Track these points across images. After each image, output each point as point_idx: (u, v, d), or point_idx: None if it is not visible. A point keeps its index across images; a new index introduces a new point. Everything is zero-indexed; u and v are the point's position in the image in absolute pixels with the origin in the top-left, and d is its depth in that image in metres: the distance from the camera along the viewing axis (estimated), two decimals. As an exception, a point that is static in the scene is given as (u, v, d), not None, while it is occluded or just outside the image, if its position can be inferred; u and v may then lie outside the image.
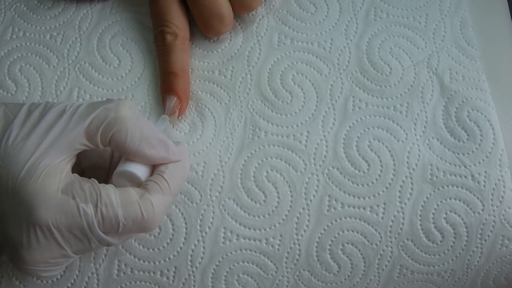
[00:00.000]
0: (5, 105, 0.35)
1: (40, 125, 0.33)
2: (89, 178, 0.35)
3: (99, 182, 0.35)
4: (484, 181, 0.41)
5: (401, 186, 0.41)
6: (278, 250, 0.41)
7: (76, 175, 0.34)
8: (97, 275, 0.40)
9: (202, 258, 0.40)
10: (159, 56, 0.42)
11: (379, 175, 0.41)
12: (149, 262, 0.40)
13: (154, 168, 0.37)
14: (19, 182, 0.32)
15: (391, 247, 0.41)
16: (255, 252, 0.41)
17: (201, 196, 0.41)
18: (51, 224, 0.32)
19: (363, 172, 0.41)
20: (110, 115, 0.34)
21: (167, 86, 0.41)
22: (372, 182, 0.41)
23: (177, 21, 0.42)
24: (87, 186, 0.33)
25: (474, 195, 0.41)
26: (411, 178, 0.41)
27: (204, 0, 0.41)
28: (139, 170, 0.36)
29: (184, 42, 0.42)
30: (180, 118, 0.42)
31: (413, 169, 0.41)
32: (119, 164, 0.36)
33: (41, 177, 0.32)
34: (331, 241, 0.41)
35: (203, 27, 0.42)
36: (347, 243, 0.41)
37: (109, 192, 0.33)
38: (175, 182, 0.36)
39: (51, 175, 0.32)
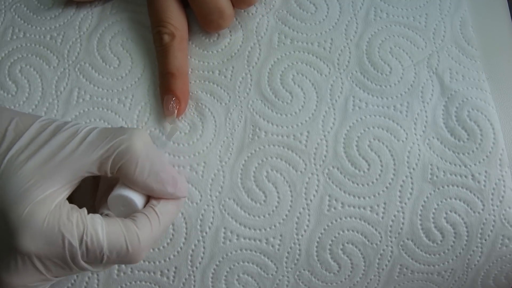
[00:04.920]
0: (19, 116, 0.34)
1: (47, 146, 0.32)
2: (76, 199, 0.34)
3: (86, 205, 0.34)
4: (484, 181, 0.41)
5: (401, 186, 0.41)
6: (278, 250, 0.41)
7: (66, 203, 0.33)
8: (97, 275, 0.40)
9: (202, 258, 0.40)
10: (157, 57, 0.42)
11: (379, 175, 0.41)
12: (149, 262, 0.40)
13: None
14: (8, 205, 0.31)
15: (391, 247, 0.41)
16: (255, 252, 0.41)
17: (201, 196, 0.41)
18: (32, 254, 0.32)
19: (363, 172, 0.41)
20: (122, 144, 0.33)
21: (165, 86, 0.41)
22: (372, 182, 0.41)
23: (174, 21, 0.42)
24: (75, 217, 0.32)
25: (474, 194, 0.41)
26: (411, 178, 0.41)
27: None
28: (137, 197, 0.35)
29: (182, 42, 0.42)
30: (179, 118, 0.42)
31: (413, 169, 0.41)
32: (117, 187, 0.35)
33: (30, 205, 0.31)
34: (331, 240, 0.41)
35: (203, 22, 0.42)
36: (347, 243, 0.41)
37: (96, 224, 0.33)
38: (166, 216, 0.35)
39: (40, 204, 0.31)
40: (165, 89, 0.41)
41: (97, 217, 0.33)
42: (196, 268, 0.40)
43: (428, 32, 0.45)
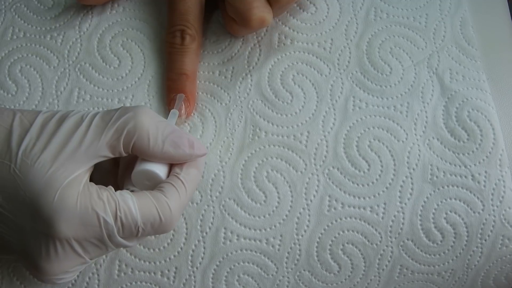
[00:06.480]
0: (21, 112, 0.34)
1: (57, 135, 0.33)
2: (98, 180, 0.35)
3: (108, 184, 0.34)
4: (484, 181, 0.41)
5: (401, 186, 0.41)
6: (278, 250, 0.41)
7: (92, 184, 0.34)
8: (98, 275, 0.40)
9: (202, 258, 0.40)
10: (171, 54, 0.42)
11: (380, 175, 0.41)
12: (149, 263, 0.40)
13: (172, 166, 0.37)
14: (37, 195, 0.31)
15: (392, 247, 0.41)
16: (255, 252, 0.41)
17: (201, 196, 0.41)
18: (71, 237, 0.32)
19: (364, 172, 0.41)
20: (129, 123, 0.34)
21: (176, 86, 0.41)
22: (373, 182, 0.41)
23: (198, 25, 0.42)
24: (105, 195, 0.33)
25: (474, 195, 0.41)
26: (411, 178, 0.41)
27: None
28: (159, 169, 0.35)
29: (199, 47, 0.43)
30: (184, 121, 0.42)
31: (413, 169, 0.41)
32: (137, 164, 0.36)
33: (59, 190, 0.31)
34: (332, 241, 0.41)
35: (243, 19, 0.40)
36: (347, 243, 0.41)
37: (127, 199, 0.33)
38: (190, 183, 0.36)
39: (69, 188, 0.32)
40: (176, 89, 0.41)
41: (126, 192, 0.34)
42: (197, 268, 0.40)
43: (428, 32, 0.45)
